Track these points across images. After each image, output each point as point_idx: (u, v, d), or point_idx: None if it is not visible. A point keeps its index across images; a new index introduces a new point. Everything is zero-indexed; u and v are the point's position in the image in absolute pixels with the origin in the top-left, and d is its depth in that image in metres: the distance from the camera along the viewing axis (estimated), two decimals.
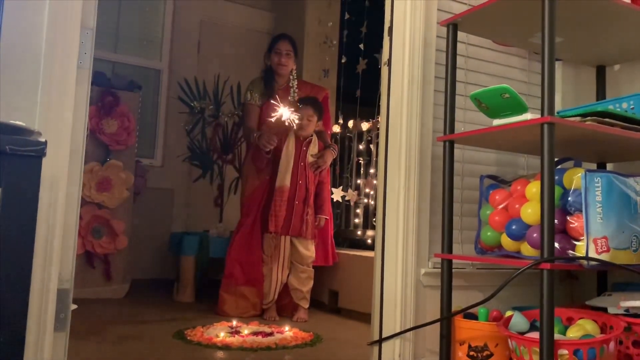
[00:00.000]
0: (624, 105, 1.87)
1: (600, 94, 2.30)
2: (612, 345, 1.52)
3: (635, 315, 1.66)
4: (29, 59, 1.49)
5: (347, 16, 4.36)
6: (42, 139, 1.16)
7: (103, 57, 4.51)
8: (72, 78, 1.56)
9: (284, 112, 3.20)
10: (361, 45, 4.05)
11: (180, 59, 4.92)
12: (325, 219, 3.44)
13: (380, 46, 2.22)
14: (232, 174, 4.38)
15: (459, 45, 1.94)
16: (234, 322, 2.94)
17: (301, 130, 3.33)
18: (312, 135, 3.38)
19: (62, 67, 1.54)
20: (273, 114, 3.20)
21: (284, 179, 3.31)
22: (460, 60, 2.04)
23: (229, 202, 4.25)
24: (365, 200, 3.95)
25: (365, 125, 3.98)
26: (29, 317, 1.25)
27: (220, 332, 2.71)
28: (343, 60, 4.27)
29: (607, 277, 2.17)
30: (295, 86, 3.48)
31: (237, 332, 2.76)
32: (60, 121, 1.52)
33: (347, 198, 3.91)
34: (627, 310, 1.68)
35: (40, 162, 1.15)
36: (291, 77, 3.49)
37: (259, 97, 3.45)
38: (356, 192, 3.93)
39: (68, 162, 1.53)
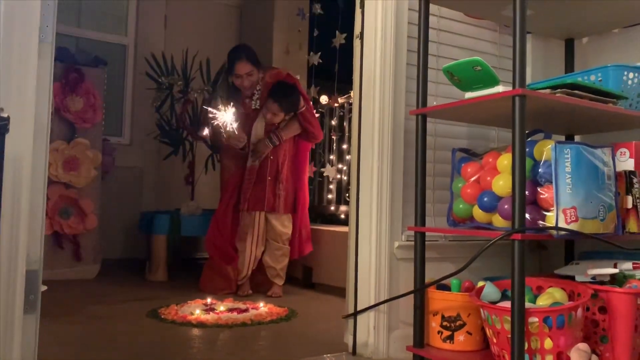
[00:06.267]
0: (592, 77, 1.89)
1: (569, 67, 2.33)
2: (579, 311, 1.56)
3: (602, 283, 1.71)
4: None
5: None
6: (5, 115, 1.11)
7: (66, 32, 4.35)
8: (33, 52, 1.50)
9: (225, 117, 3.21)
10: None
11: (146, 33, 4.78)
12: None
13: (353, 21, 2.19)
14: (204, 151, 4.30)
15: (430, 18, 1.92)
16: (209, 300, 2.94)
17: (267, 122, 3.32)
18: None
19: (23, 40, 1.48)
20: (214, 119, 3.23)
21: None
22: (432, 34, 2.03)
23: (200, 179, 4.19)
24: (338, 176, 3.95)
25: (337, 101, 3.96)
26: None
27: (194, 310, 2.70)
28: (315, 34, 4.22)
29: (574, 247, 2.23)
30: (257, 96, 3.38)
31: (212, 310, 2.75)
32: (22, 97, 1.46)
33: (325, 174, 3.90)
34: (593, 278, 1.73)
35: (2, 138, 1.11)
36: (256, 89, 3.39)
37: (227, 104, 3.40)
38: (334, 168, 3.92)
39: (32, 139, 1.48)
